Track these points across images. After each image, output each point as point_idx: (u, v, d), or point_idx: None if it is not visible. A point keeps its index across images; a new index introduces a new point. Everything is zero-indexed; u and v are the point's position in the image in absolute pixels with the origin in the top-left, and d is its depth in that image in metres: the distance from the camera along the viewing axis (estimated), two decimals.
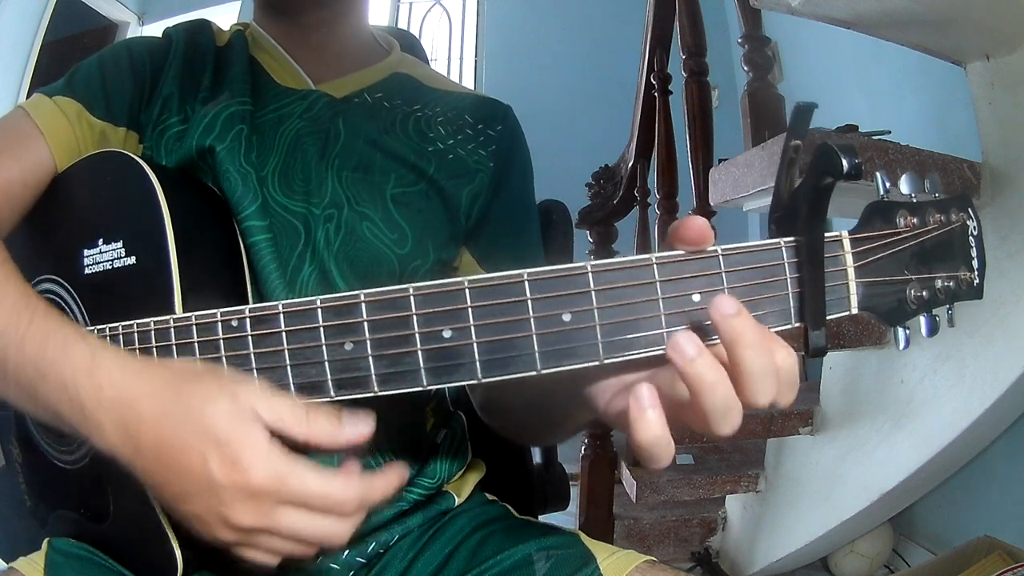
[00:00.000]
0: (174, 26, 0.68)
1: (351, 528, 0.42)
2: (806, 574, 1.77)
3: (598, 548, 0.58)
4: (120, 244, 0.52)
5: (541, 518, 0.72)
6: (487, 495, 0.72)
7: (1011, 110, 1.18)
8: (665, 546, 1.82)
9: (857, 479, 1.46)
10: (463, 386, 0.69)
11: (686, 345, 0.34)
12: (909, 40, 1.25)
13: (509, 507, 0.70)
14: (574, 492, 1.78)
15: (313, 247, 0.61)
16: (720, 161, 1.41)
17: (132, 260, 0.52)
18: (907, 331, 0.41)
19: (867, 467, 1.44)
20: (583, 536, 0.60)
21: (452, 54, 4.01)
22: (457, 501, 0.67)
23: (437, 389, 0.67)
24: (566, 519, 1.70)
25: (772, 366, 0.35)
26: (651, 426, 0.36)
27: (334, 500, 0.40)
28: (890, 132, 1.32)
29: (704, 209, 1.54)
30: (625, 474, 1.74)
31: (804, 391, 1.70)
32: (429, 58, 0.85)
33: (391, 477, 0.44)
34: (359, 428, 0.41)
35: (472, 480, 0.70)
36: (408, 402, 0.65)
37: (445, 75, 0.78)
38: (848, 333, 1.37)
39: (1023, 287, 1.14)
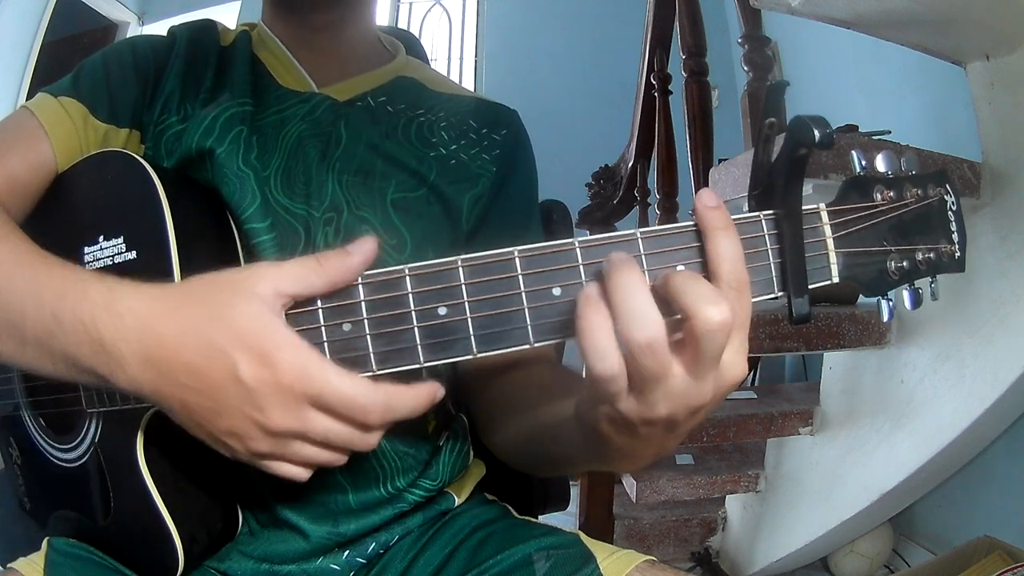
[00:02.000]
0: (179, 25, 0.68)
1: (376, 438, 0.42)
2: (806, 574, 1.77)
3: (598, 548, 0.58)
4: (120, 240, 0.52)
5: (541, 518, 0.71)
6: (487, 495, 0.72)
7: (1011, 110, 1.18)
8: (665, 546, 1.82)
9: (857, 479, 1.46)
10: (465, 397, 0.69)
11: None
12: (909, 40, 1.25)
13: (509, 507, 0.70)
14: (574, 492, 1.78)
15: (313, 249, 0.60)
16: (720, 161, 1.41)
17: (132, 255, 0.52)
18: (891, 303, 0.42)
19: (867, 467, 1.44)
20: (583, 536, 0.60)
21: (452, 54, 4.01)
22: (457, 501, 0.67)
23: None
24: (566, 519, 1.70)
25: (741, 252, 0.37)
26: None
27: (357, 403, 0.39)
28: (890, 132, 1.32)
29: None
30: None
31: (804, 391, 1.70)
32: (429, 58, 0.85)
33: (419, 391, 0.41)
34: (366, 247, 0.40)
35: (472, 480, 0.70)
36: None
37: (449, 77, 0.77)
38: (848, 333, 1.37)
39: (1023, 287, 1.14)
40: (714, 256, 0.37)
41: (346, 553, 0.61)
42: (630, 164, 2.01)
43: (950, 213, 0.43)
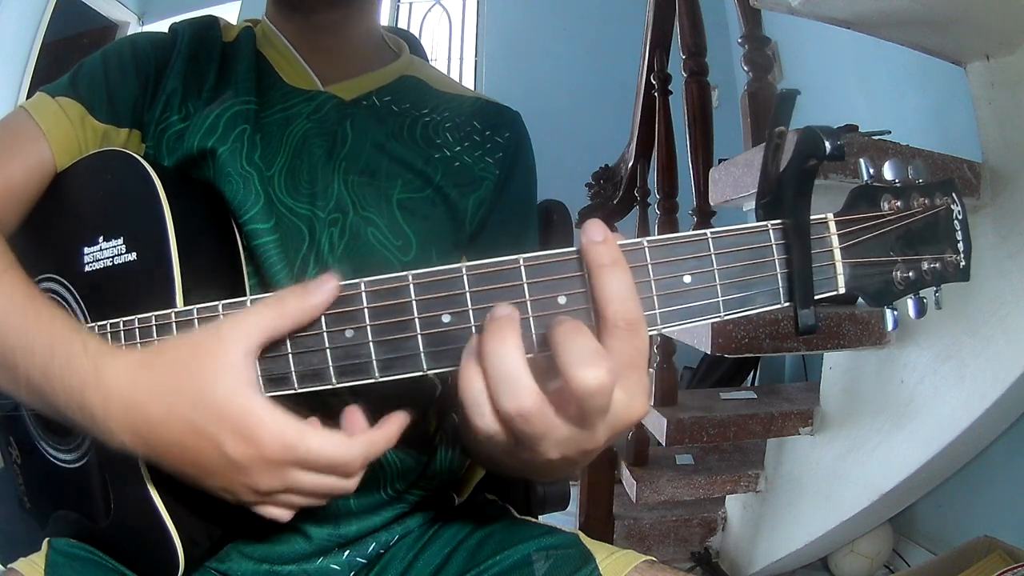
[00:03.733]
0: (181, 21, 0.68)
1: (356, 481, 0.44)
2: (806, 574, 1.77)
3: (597, 548, 0.58)
4: (120, 241, 0.52)
5: (541, 518, 0.72)
6: (487, 495, 0.72)
7: (1011, 110, 1.18)
8: (665, 546, 1.82)
9: (857, 479, 1.46)
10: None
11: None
12: (909, 40, 1.25)
13: (509, 507, 0.70)
14: (574, 492, 1.79)
15: (317, 251, 0.60)
16: (720, 161, 1.40)
17: (133, 256, 0.52)
18: (895, 312, 0.42)
19: (867, 467, 1.44)
20: (583, 536, 0.60)
21: (452, 54, 4.01)
22: (457, 501, 0.67)
23: (440, 392, 0.68)
24: (566, 519, 1.70)
25: (631, 288, 0.36)
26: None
27: (338, 461, 0.42)
28: (890, 132, 1.31)
29: (704, 209, 1.54)
30: (625, 474, 1.74)
31: (804, 391, 1.70)
32: (429, 58, 0.85)
33: (389, 428, 0.44)
34: (327, 287, 0.41)
35: (472, 480, 0.70)
36: (412, 405, 0.65)
37: (453, 78, 0.78)
38: (848, 333, 1.37)
39: (1023, 287, 1.14)
40: (599, 295, 0.36)
41: (346, 553, 0.61)
42: (630, 164, 2.01)
43: (956, 222, 0.43)
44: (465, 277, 0.39)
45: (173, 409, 0.41)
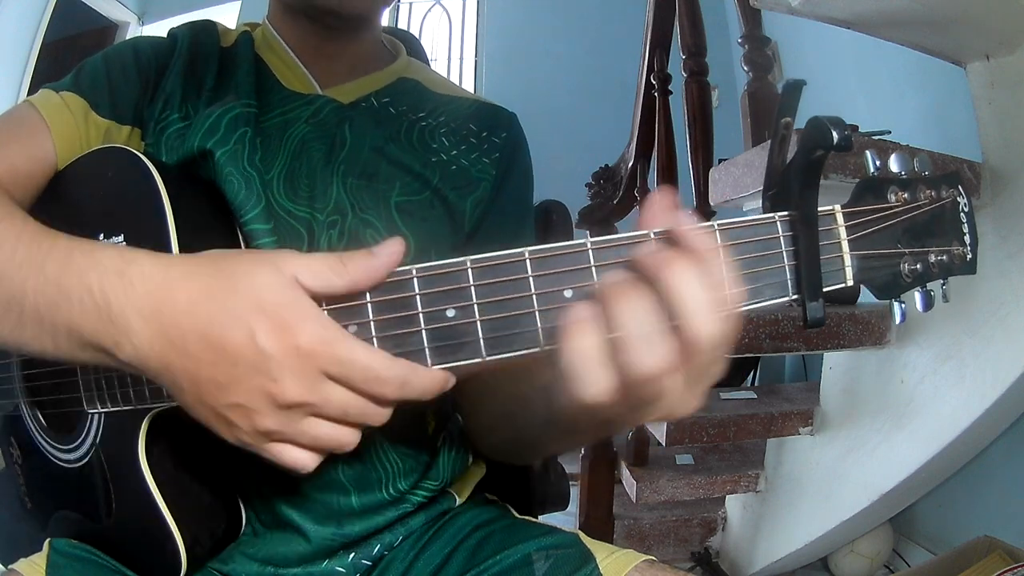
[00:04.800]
0: (179, 26, 0.68)
1: (386, 414, 0.40)
2: (806, 574, 1.77)
3: (597, 548, 0.58)
4: (121, 237, 0.52)
5: (541, 518, 0.72)
6: (487, 495, 0.72)
7: (1011, 110, 1.18)
8: (665, 546, 1.82)
9: (857, 479, 1.46)
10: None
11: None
12: (909, 40, 1.25)
13: (509, 507, 0.70)
14: (574, 492, 1.78)
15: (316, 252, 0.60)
16: (720, 161, 1.41)
17: None
18: (903, 305, 0.41)
19: (867, 467, 1.44)
20: (582, 536, 0.60)
21: (452, 54, 4.01)
22: (458, 501, 0.67)
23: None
24: (566, 519, 1.70)
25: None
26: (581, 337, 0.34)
27: (376, 374, 0.38)
28: (890, 132, 1.32)
29: (704, 209, 1.54)
30: (625, 474, 1.74)
31: (804, 391, 1.70)
32: (429, 58, 0.85)
33: (436, 376, 0.40)
34: (392, 250, 0.39)
35: (472, 480, 0.70)
36: (411, 405, 0.65)
37: (450, 79, 0.78)
38: (848, 333, 1.37)
39: (1023, 287, 1.14)
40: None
41: (351, 555, 0.61)
42: (630, 164, 2.01)
43: (962, 215, 0.42)
44: (469, 270, 0.38)
45: (206, 291, 0.37)
